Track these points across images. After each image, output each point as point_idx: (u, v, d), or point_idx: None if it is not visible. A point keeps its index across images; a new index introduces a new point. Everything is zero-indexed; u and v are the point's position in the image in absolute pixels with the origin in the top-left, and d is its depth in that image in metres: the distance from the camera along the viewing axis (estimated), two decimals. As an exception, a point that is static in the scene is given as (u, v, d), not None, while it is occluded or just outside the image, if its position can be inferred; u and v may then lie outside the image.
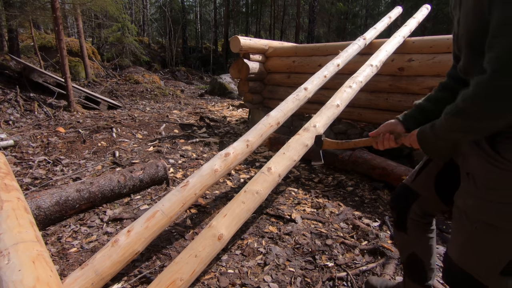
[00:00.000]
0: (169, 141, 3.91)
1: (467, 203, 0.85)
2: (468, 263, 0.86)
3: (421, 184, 1.12)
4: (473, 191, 0.83)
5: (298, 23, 15.30)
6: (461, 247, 0.88)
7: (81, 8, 6.88)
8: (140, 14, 20.99)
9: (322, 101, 2.72)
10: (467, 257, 0.86)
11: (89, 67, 8.32)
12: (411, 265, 1.24)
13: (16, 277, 0.92)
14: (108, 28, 11.35)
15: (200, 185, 1.64)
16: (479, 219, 0.81)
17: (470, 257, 0.86)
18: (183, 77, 13.10)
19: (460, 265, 0.88)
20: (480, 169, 0.81)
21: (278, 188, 2.69)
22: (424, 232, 1.18)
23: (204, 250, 1.32)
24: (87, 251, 1.75)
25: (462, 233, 0.87)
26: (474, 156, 0.83)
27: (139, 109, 6.27)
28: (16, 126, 4.32)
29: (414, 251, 1.20)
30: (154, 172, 2.58)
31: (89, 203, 2.14)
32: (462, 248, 0.88)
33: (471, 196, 0.84)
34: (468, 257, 0.86)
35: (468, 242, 0.85)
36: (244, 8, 21.33)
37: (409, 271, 1.26)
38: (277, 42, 4.80)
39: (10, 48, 7.17)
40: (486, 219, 0.80)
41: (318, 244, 1.86)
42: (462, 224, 0.87)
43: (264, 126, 2.10)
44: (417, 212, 1.14)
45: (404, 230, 1.19)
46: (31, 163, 2.97)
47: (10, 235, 1.13)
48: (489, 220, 0.79)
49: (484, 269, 0.84)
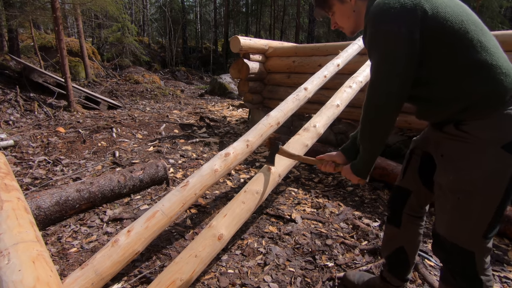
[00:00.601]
0: (169, 141, 3.91)
1: (448, 179, 0.97)
2: (454, 233, 0.98)
3: (409, 181, 1.24)
4: (450, 168, 0.97)
5: (298, 23, 15.30)
6: (447, 221, 0.99)
7: (81, 8, 6.88)
8: (140, 14, 20.98)
9: (322, 101, 2.72)
10: (453, 228, 0.98)
11: (89, 67, 8.32)
12: (395, 259, 1.33)
13: (16, 277, 0.92)
14: (108, 28, 11.35)
15: (200, 185, 1.64)
16: (460, 189, 0.94)
17: (455, 228, 0.97)
18: (183, 77, 13.09)
19: (448, 238, 0.99)
20: (451, 147, 0.98)
21: (278, 188, 2.69)
22: (416, 227, 1.28)
23: (204, 250, 1.32)
24: (87, 251, 1.75)
25: (447, 208, 0.98)
26: (445, 139, 1.00)
27: (139, 109, 6.27)
28: (16, 126, 4.32)
29: (403, 245, 1.29)
30: (154, 172, 2.58)
31: (89, 203, 2.14)
32: (448, 221, 0.99)
33: (450, 172, 0.97)
34: (454, 228, 0.97)
35: (453, 214, 0.96)
36: (244, 8, 21.34)
37: (392, 264, 1.35)
38: (277, 42, 4.79)
39: (10, 48, 7.17)
40: (465, 187, 0.93)
41: (318, 244, 1.86)
42: (445, 199, 0.98)
43: (264, 126, 2.10)
44: (414, 207, 1.25)
45: (398, 225, 1.28)
46: (31, 163, 2.97)
47: (10, 235, 1.12)
48: (467, 187, 0.92)
49: (468, 235, 0.95)
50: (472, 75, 0.89)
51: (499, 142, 0.88)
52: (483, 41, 0.89)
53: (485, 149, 0.90)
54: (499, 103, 0.89)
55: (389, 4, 0.90)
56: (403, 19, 0.89)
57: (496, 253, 1.84)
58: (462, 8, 0.92)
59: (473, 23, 0.90)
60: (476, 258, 0.96)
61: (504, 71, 0.88)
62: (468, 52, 0.88)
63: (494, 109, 0.89)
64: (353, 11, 1.13)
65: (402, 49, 0.90)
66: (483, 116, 0.91)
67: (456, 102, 0.93)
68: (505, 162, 0.88)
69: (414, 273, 1.62)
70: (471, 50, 0.88)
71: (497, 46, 0.92)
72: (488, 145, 0.89)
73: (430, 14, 0.88)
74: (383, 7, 0.91)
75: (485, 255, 0.97)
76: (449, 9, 0.89)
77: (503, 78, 0.88)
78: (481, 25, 0.92)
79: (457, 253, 0.97)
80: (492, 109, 0.89)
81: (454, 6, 0.91)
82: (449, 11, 0.89)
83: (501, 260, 1.77)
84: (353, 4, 1.13)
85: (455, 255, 0.98)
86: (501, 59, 0.89)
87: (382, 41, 0.93)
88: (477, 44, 0.88)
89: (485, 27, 0.94)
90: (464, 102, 0.92)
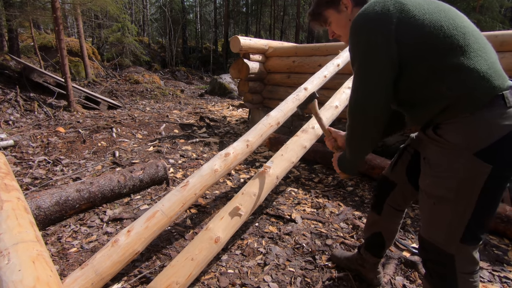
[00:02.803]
0: (169, 141, 3.91)
1: (425, 183, 1.00)
2: (432, 236, 1.00)
3: (397, 175, 1.28)
4: (428, 172, 0.99)
5: (298, 23, 15.30)
6: (426, 223, 1.02)
7: (81, 8, 6.88)
8: (140, 14, 20.98)
9: (322, 101, 2.72)
10: (431, 230, 1.00)
11: (89, 67, 8.32)
12: (373, 241, 1.43)
13: (16, 277, 0.92)
14: (108, 28, 11.36)
15: (200, 185, 1.64)
16: (434, 194, 0.96)
17: (433, 230, 0.99)
18: (183, 77, 13.09)
19: (428, 239, 1.01)
20: (430, 151, 0.99)
21: (278, 188, 2.69)
22: (395, 218, 1.35)
23: (201, 253, 1.32)
24: (87, 251, 1.75)
25: (425, 211, 1.01)
26: (428, 143, 1.01)
27: (139, 109, 6.27)
28: (16, 126, 4.32)
29: (381, 231, 1.38)
30: (154, 172, 2.58)
31: (89, 203, 2.14)
32: (427, 223, 1.02)
33: (427, 176, 0.99)
34: (432, 230, 1.00)
35: (430, 216, 0.99)
36: (244, 8, 21.34)
37: (369, 244, 1.45)
38: (277, 42, 4.79)
39: (10, 48, 7.17)
40: (438, 193, 0.95)
41: (318, 244, 1.86)
42: (424, 202, 1.01)
43: (264, 126, 2.10)
44: (397, 200, 1.30)
45: (379, 212, 1.35)
46: (31, 163, 2.97)
47: (10, 235, 1.12)
48: (440, 193, 0.94)
49: (443, 238, 0.96)
50: (448, 78, 0.89)
51: (472, 148, 0.86)
52: (463, 45, 0.88)
53: (458, 155, 0.89)
54: (475, 107, 0.86)
55: (367, 14, 0.95)
56: (379, 28, 0.93)
57: (496, 253, 1.84)
58: (443, 13, 0.92)
59: (455, 28, 0.89)
60: (456, 261, 0.96)
61: (483, 75, 0.86)
62: (446, 56, 0.88)
63: (470, 113, 0.87)
64: (349, 19, 1.16)
65: (379, 58, 0.94)
66: (458, 120, 0.89)
67: (434, 103, 0.93)
68: (478, 170, 0.86)
69: (414, 273, 1.62)
70: (449, 54, 0.88)
71: (482, 50, 0.89)
72: (461, 151, 0.88)
73: (406, 22, 0.91)
74: (361, 16, 0.97)
75: (468, 260, 0.97)
76: (428, 16, 0.90)
77: (481, 82, 0.86)
78: (466, 29, 0.91)
79: (436, 253, 0.99)
80: (468, 112, 0.87)
81: (434, 12, 0.91)
82: (428, 17, 0.90)
83: (501, 260, 1.77)
84: (349, 13, 1.16)
85: (435, 254, 1.00)
86: (481, 63, 0.87)
87: (360, 50, 0.98)
88: (457, 48, 0.88)
89: (472, 31, 0.92)
90: (441, 104, 0.91)
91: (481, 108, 0.86)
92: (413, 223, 2.17)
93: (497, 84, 0.86)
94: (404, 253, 1.79)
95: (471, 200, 0.89)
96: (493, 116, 0.85)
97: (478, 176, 0.87)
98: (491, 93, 0.86)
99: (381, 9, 0.93)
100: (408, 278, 1.59)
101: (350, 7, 1.15)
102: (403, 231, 2.05)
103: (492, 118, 0.85)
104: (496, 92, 0.86)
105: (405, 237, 1.98)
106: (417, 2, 0.94)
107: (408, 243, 1.91)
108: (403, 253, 1.79)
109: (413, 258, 1.72)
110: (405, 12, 0.91)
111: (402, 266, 1.68)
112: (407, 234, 2.02)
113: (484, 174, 0.86)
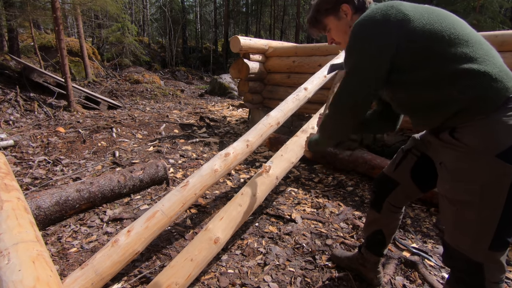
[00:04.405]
0: (169, 141, 3.91)
1: (445, 188, 0.97)
2: (458, 243, 0.95)
3: (400, 175, 1.27)
4: (447, 177, 0.96)
5: (298, 23, 15.29)
6: (450, 229, 0.98)
7: (81, 8, 6.89)
8: (140, 14, 20.98)
9: (322, 101, 2.72)
10: (457, 237, 0.96)
11: (89, 67, 8.32)
12: (373, 239, 1.43)
13: (16, 277, 0.92)
14: (108, 28, 11.35)
15: (200, 185, 1.64)
16: (456, 200, 0.93)
17: (459, 237, 0.95)
18: (183, 77, 13.09)
19: (454, 247, 0.96)
20: (447, 156, 0.97)
21: (278, 188, 2.69)
22: (395, 215, 1.35)
23: (200, 253, 1.32)
24: (87, 251, 1.75)
25: (449, 217, 0.98)
26: (442, 147, 0.99)
27: (139, 109, 6.27)
28: (16, 126, 4.32)
29: (381, 229, 1.38)
30: (154, 172, 2.58)
31: (89, 203, 2.14)
32: (451, 230, 0.98)
33: (446, 181, 0.96)
34: (457, 237, 0.95)
35: (454, 223, 0.95)
36: (244, 8, 21.35)
37: (370, 243, 1.46)
38: (277, 42, 4.79)
39: (10, 48, 7.17)
40: (461, 198, 0.91)
41: (318, 244, 1.86)
42: (446, 208, 0.98)
43: (264, 126, 2.10)
44: (398, 198, 1.30)
45: (378, 210, 1.35)
46: (31, 163, 2.97)
47: (10, 235, 1.12)
48: (463, 198, 0.91)
49: (469, 246, 0.92)
50: (459, 82, 0.89)
51: (493, 150, 0.84)
52: (468, 52, 0.89)
53: (479, 159, 0.87)
54: (490, 108, 0.87)
55: (366, 21, 0.97)
56: (375, 38, 0.95)
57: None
58: (445, 22, 0.92)
59: (457, 37, 0.90)
60: (485, 270, 0.91)
61: (495, 77, 0.86)
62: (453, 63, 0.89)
63: (485, 115, 0.87)
64: (349, 26, 1.16)
65: (369, 66, 0.97)
66: (475, 123, 0.88)
67: (446, 107, 0.93)
68: (501, 171, 0.84)
69: (414, 273, 1.62)
70: (456, 61, 0.89)
71: (489, 54, 0.90)
72: (482, 154, 0.86)
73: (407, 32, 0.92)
74: (360, 23, 0.98)
75: (497, 268, 0.92)
76: (429, 27, 0.91)
77: (493, 84, 0.86)
78: (468, 36, 0.91)
79: (464, 261, 0.94)
80: (483, 115, 0.87)
81: (435, 21, 0.92)
82: (428, 28, 0.91)
83: (501, 260, 1.76)
84: (349, 19, 1.16)
85: (462, 263, 0.95)
86: (491, 66, 0.88)
87: (354, 55, 1.00)
88: (462, 55, 0.89)
89: (474, 36, 0.93)
90: (453, 107, 0.91)
91: (495, 109, 0.86)
92: (413, 223, 2.17)
93: (510, 85, 0.87)
94: (404, 253, 1.79)
95: (498, 203, 0.86)
96: (510, 117, 0.85)
97: (503, 178, 0.84)
98: (505, 95, 0.86)
99: (381, 18, 0.93)
100: (408, 278, 1.59)
101: (349, 14, 1.15)
102: (403, 231, 2.06)
103: (509, 119, 0.85)
104: (509, 93, 0.86)
105: (405, 237, 1.98)
106: (418, 11, 0.94)
107: (408, 243, 1.91)
108: (403, 253, 1.79)
109: (413, 258, 1.72)
110: (406, 21, 0.92)
111: (402, 266, 1.68)
112: (407, 234, 2.02)
113: (509, 175, 0.84)
